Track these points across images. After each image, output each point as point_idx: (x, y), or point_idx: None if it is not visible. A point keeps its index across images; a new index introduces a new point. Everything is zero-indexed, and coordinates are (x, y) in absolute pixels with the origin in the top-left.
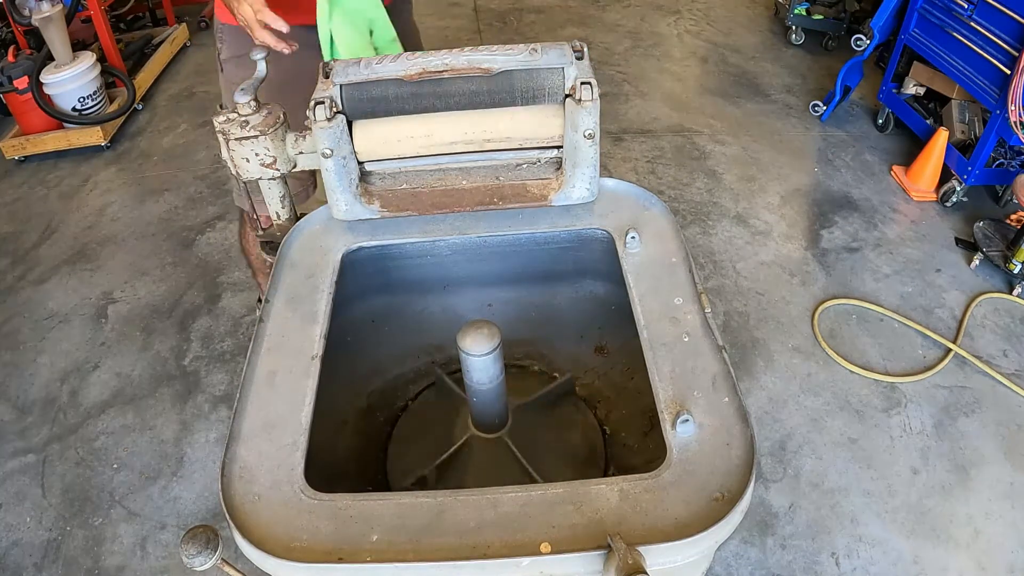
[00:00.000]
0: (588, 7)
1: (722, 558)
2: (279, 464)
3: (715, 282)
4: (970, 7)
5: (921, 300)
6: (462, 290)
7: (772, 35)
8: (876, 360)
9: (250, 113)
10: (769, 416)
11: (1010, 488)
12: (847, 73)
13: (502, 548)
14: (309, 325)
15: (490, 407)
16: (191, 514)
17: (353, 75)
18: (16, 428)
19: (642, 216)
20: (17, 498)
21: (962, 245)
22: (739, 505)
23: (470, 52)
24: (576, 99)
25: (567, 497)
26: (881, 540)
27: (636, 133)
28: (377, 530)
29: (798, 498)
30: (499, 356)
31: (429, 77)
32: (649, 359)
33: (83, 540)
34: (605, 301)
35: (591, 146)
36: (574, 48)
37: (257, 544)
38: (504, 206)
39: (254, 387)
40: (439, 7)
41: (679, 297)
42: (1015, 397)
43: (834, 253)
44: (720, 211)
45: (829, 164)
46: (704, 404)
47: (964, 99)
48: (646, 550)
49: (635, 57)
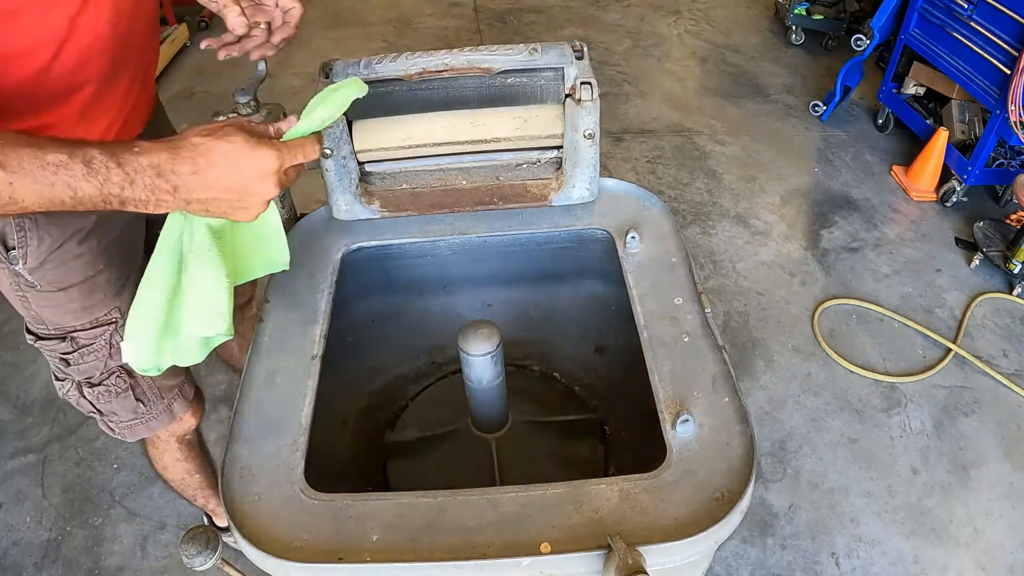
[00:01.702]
0: (588, 7)
1: (722, 558)
2: (279, 464)
3: (715, 282)
4: (970, 7)
5: (921, 300)
6: (462, 290)
7: (772, 35)
8: (876, 360)
9: (250, 113)
10: (769, 416)
11: (1010, 488)
12: (847, 73)
13: (502, 548)
14: (309, 325)
15: (490, 407)
16: (191, 514)
17: (353, 75)
18: (16, 428)
19: (642, 216)
20: (17, 498)
21: (962, 245)
22: (739, 505)
23: (470, 52)
24: (576, 99)
25: (567, 497)
26: (881, 540)
27: (636, 133)
28: (377, 530)
29: (798, 498)
30: (499, 356)
31: (429, 77)
32: (649, 359)
33: (83, 540)
34: (605, 301)
35: (591, 146)
36: (574, 48)
37: (257, 544)
38: (504, 206)
39: (254, 387)
40: (439, 7)
41: (679, 297)
42: (1015, 397)
43: (834, 253)
44: (720, 211)
45: (829, 164)
46: (704, 404)
47: (964, 99)
48: (646, 550)
49: (635, 57)
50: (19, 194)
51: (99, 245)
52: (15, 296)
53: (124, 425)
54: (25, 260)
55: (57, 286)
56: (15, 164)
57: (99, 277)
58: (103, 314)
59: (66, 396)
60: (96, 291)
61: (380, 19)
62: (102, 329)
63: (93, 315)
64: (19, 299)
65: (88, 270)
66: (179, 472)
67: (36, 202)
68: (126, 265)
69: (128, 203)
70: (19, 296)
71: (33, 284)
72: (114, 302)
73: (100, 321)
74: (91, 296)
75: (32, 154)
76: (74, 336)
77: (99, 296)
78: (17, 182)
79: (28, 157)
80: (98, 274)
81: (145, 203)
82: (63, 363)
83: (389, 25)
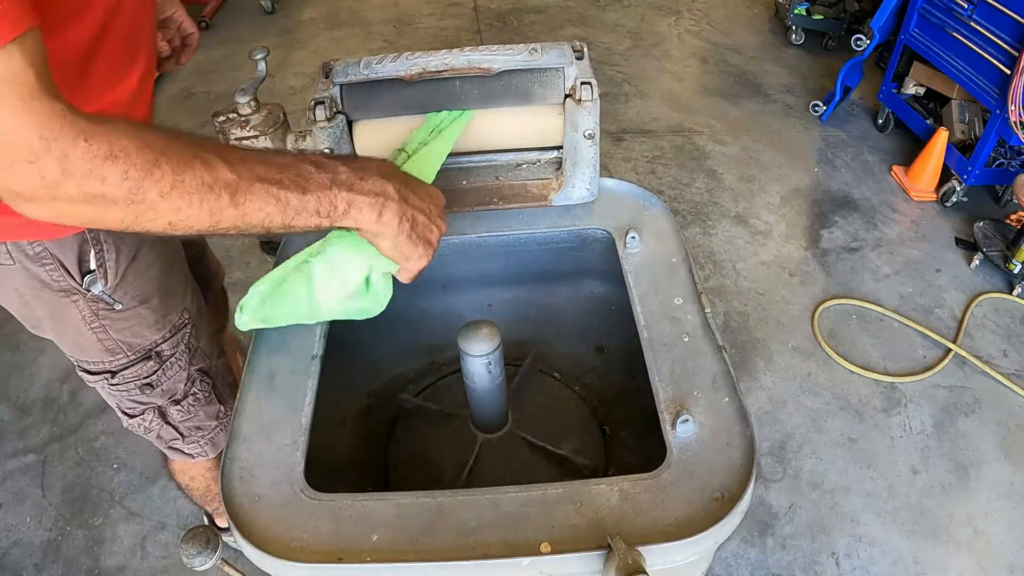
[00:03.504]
0: (588, 7)
1: (722, 558)
2: (279, 464)
3: (715, 282)
4: (970, 7)
5: (921, 300)
6: (462, 290)
7: (772, 35)
8: (876, 360)
9: (250, 113)
10: (769, 416)
11: (1010, 488)
12: (847, 73)
13: (502, 548)
14: (309, 325)
15: (490, 407)
16: (191, 514)
17: (353, 75)
18: (16, 428)
19: (642, 216)
20: (17, 498)
21: (962, 245)
22: (739, 505)
23: (470, 52)
24: (576, 99)
25: (567, 497)
26: (881, 540)
27: (636, 133)
28: (377, 530)
29: (798, 498)
30: (499, 356)
31: (429, 77)
32: (649, 359)
33: (83, 540)
34: (605, 301)
35: (591, 146)
36: (574, 48)
37: (257, 544)
38: (504, 206)
39: (254, 387)
40: (439, 7)
41: (679, 297)
42: (1015, 397)
43: (834, 253)
44: (720, 211)
45: (829, 164)
46: (704, 404)
47: (964, 99)
48: (646, 550)
49: (635, 57)
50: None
51: (163, 247)
52: (87, 331)
53: (207, 439)
54: (106, 279)
55: (139, 300)
56: (237, 161)
57: (170, 281)
58: (178, 318)
59: (146, 431)
60: (170, 296)
61: (380, 19)
62: (180, 335)
63: (171, 322)
64: (93, 332)
65: (161, 276)
66: (206, 482)
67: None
68: (181, 264)
69: (354, 206)
70: (94, 328)
71: (112, 305)
72: (183, 303)
73: (177, 326)
74: (167, 302)
75: (254, 154)
76: (159, 351)
77: (173, 301)
78: (243, 187)
79: (251, 158)
80: (168, 278)
81: (371, 208)
82: (145, 390)
83: (389, 25)
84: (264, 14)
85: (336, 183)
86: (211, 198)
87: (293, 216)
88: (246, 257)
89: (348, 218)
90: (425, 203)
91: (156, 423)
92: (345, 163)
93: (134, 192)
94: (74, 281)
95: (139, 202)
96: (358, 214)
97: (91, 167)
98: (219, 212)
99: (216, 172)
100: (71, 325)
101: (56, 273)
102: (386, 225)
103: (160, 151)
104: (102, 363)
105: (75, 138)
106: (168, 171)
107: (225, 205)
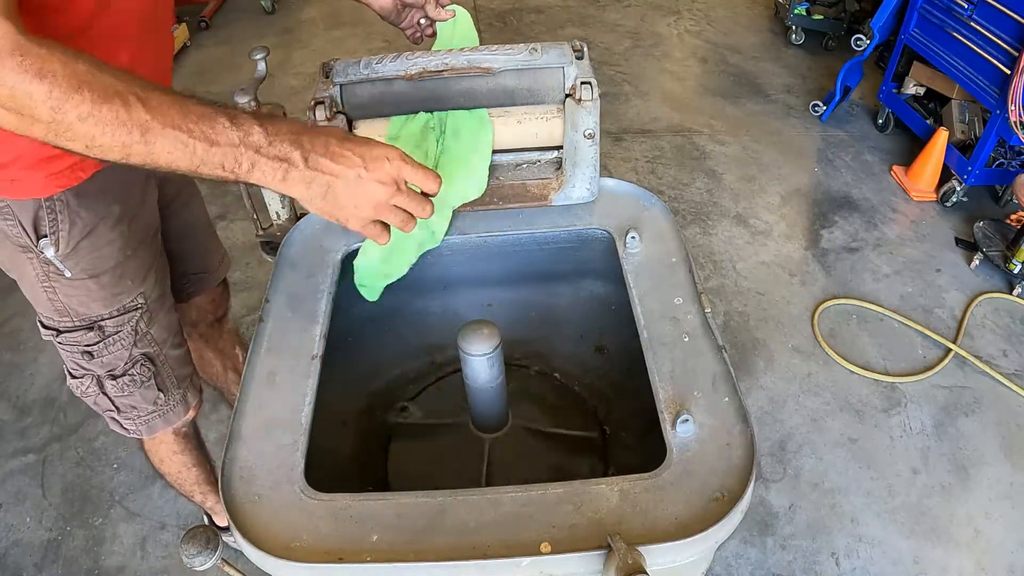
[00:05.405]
0: (588, 7)
1: (722, 558)
2: (279, 464)
3: (715, 282)
4: (970, 7)
5: (921, 300)
6: (462, 290)
7: (772, 35)
8: (876, 360)
9: None
10: (769, 416)
11: (1010, 488)
12: (847, 73)
13: (502, 548)
14: (309, 325)
15: (490, 407)
16: (191, 514)
17: (353, 75)
18: (16, 428)
19: (642, 216)
20: (17, 498)
21: (962, 245)
22: (739, 505)
23: (470, 52)
24: (576, 99)
25: (567, 497)
26: (881, 540)
27: (636, 133)
28: (377, 530)
29: (798, 498)
30: (499, 356)
31: (429, 77)
32: (649, 359)
33: (83, 540)
34: (605, 301)
35: (591, 146)
36: (574, 48)
37: (257, 544)
38: (504, 206)
39: (254, 387)
40: None
41: (679, 297)
42: (1015, 397)
43: (834, 253)
44: (720, 211)
45: (829, 164)
46: (704, 404)
47: (964, 99)
48: (646, 550)
49: (635, 57)
50: (152, 140)
51: (128, 231)
52: (39, 288)
53: (142, 420)
54: (57, 246)
55: (89, 273)
56: (155, 105)
57: (128, 263)
58: (130, 300)
59: (83, 394)
60: (125, 277)
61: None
62: (128, 316)
63: (121, 302)
64: (44, 290)
65: (119, 256)
66: (176, 465)
67: (161, 151)
68: (150, 251)
69: (257, 167)
70: (44, 287)
71: (62, 272)
72: (140, 288)
73: (127, 308)
74: (120, 283)
75: (174, 100)
76: (101, 325)
77: (127, 283)
78: (154, 129)
79: (169, 103)
80: (127, 260)
81: (273, 172)
82: (85, 356)
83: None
84: (264, 14)
85: (245, 143)
86: (122, 132)
87: (199, 164)
88: (246, 257)
89: (252, 177)
90: (353, 169)
91: (93, 390)
92: (262, 124)
93: (55, 111)
94: (30, 240)
95: (58, 122)
96: (261, 176)
97: (19, 80)
98: (130, 147)
99: (132, 111)
100: (27, 280)
101: (15, 230)
102: (291, 189)
103: (85, 81)
104: (52, 319)
105: (12, 52)
106: (88, 100)
107: (136, 141)
